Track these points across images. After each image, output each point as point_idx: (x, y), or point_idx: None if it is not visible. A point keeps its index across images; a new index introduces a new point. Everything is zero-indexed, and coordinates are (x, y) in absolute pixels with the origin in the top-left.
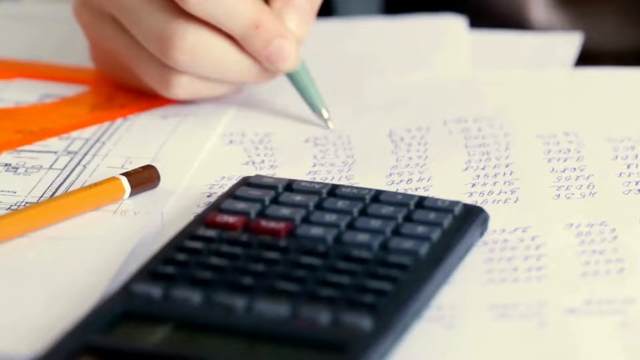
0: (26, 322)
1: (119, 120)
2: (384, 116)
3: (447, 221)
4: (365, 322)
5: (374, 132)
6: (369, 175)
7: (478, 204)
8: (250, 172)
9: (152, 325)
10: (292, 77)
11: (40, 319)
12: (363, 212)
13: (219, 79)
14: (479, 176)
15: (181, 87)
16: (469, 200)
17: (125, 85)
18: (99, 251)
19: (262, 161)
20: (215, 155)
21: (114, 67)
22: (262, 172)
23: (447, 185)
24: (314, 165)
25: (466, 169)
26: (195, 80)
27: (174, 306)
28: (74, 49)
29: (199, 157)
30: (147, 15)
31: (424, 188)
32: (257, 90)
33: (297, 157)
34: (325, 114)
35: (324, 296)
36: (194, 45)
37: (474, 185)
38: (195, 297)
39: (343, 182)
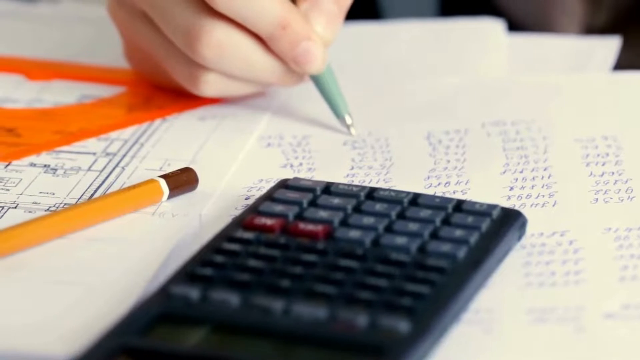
0: (64, 322)
1: (157, 122)
2: (422, 119)
3: (485, 225)
4: (403, 326)
5: (412, 135)
6: (407, 178)
7: (516, 208)
8: (288, 174)
9: (190, 327)
10: (316, 81)
11: (77, 319)
12: (401, 215)
13: (245, 78)
14: (516, 179)
15: (208, 84)
16: (506, 204)
17: (157, 83)
18: (136, 253)
19: (300, 164)
20: (253, 158)
21: (147, 65)
22: (300, 175)
23: (485, 188)
24: (352, 168)
25: (504, 172)
26: (222, 78)
27: (212, 308)
28: (112, 49)
29: (237, 159)
30: (177, 11)
31: (461, 191)
32: (295, 94)
33: (335, 160)
34: (348, 120)
35: (362, 299)
36: (220, 42)
37: (512, 188)
38: (233, 299)
39: (381, 185)
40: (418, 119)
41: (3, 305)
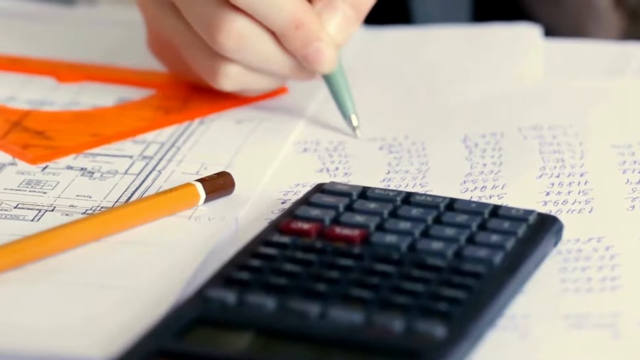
0: (101, 325)
1: (194, 125)
2: (458, 123)
3: (521, 230)
4: (438, 331)
5: (449, 138)
6: (443, 182)
7: (552, 213)
8: (324, 179)
9: (226, 330)
10: (327, 80)
11: (114, 322)
12: (437, 220)
13: (263, 70)
14: (553, 184)
15: (228, 77)
16: (543, 209)
17: (176, 75)
18: (173, 256)
19: (337, 168)
20: (289, 162)
21: (168, 56)
22: (336, 180)
23: (521, 193)
24: (388, 173)
25: (540, 177)
26: (241, 70)
27: (248, 312)
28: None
29: (273, 163)
30: (201, 1)
31: (498, 196)
32: (330, 99)
33: (371, 165)
34: (354, 121)
35: (398, 304)
36: (240, 33)
37: (548, 194)
38: (269, 303)
39: (417, 189)
40: (454, 122)
41: (41, 308)
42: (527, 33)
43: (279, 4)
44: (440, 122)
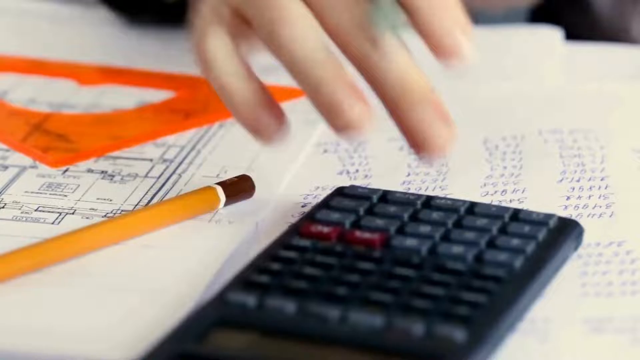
0: (121, 328)
1: (214, 128)
2: (479, 125)
3: (542, 234)
4: (459, 334)
5: (469, 140)
6: (464, 185)
7: (573, 217)
8: (345, 181)
9: (246, 333)
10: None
11: (134, 326)
12: (458, 224)
13: None
14: (573, 189)
15: None
16: (563, 213)
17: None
18: (193, 260)
19: (357, 170)
20: (309, 164)
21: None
22: (357, 182)
23: (541, 197)
24: (408, 175)
25: (561, 181)
26: None
27: (268, 315)
28: (168, 56)
29: (293, 166)
30: None
31: (518, 200)
32: None
33: (391, 166)
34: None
35: (418, 307)
36: None
37: (568, 198)
38: (289, 306)
39: (437, 191)
40: (475, 124)
41: (61, 310)
42: (548, 35)
43: None
44: (461, 123)
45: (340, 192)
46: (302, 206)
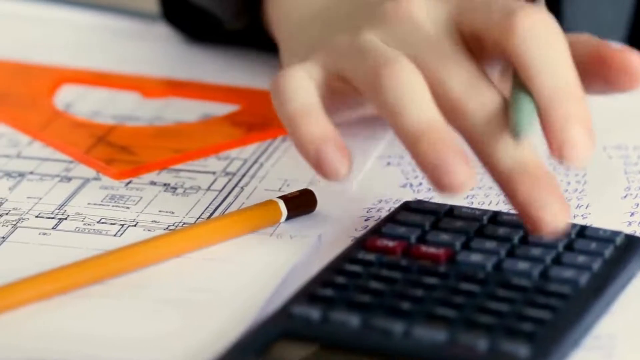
0: (182, 340)
1: (276, 141)
2: (541, 140)
3: (608, 251)
4: (523, 351)
5: None
6: None
7: (637, 234)
8: (408, 194)
9: (309, 347)
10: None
11: (195, 337)
12: (523, 240)
13: None
14: (638, 205)
15: None
16: (627, 230)
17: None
18: (253, 273)
19: (420, 184)
20: (372, 177)
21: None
22: (420, 195)
23: (605, 213)
24: (472, 189)
25: (625, 197)
26: None
27: (332, 329)
28: (232, 69)
29: (356, 179)
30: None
31: (582, 215)
32: None
33: None
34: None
35: (482, 323)
36: None
37: (632, 214)
38: (353, 320)
39: (501, 205)
40: (538, 139)
41: (122, 321)
42: None
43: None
44: None
45: (406, 206)
46: (365, 220)
